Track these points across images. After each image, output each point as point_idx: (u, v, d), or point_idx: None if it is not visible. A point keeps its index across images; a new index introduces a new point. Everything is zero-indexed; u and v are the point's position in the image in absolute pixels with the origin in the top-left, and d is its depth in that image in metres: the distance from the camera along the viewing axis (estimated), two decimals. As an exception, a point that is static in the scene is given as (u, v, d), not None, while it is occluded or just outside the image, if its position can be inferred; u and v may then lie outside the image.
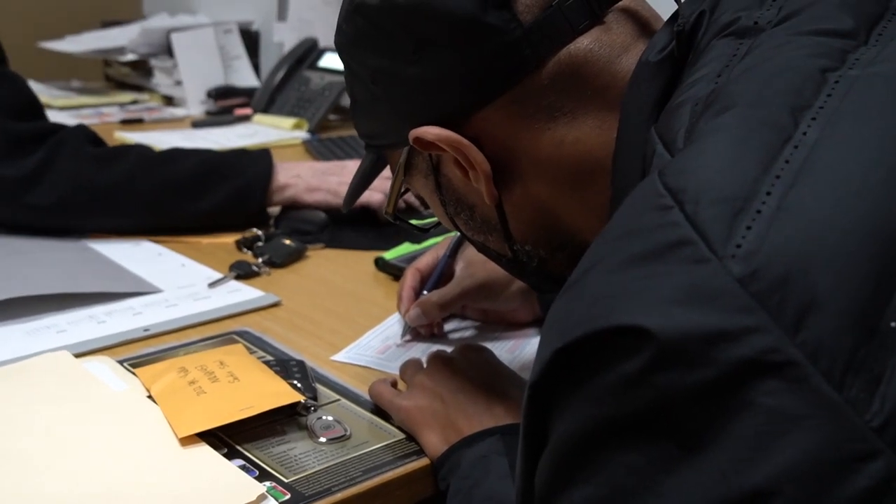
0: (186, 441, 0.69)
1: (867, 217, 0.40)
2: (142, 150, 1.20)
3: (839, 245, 0.39)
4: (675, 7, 0.60)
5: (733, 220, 0.40)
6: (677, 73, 0.55)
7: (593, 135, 0.59)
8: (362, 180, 0.73)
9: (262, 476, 0.66)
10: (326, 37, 1.99)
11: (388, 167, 0.71)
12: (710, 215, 0.40)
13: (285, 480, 0.66)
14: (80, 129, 1.18)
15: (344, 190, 1.19)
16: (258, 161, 1.22)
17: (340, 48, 0.66)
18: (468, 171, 0.62)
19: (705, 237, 0.40)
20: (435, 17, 0.58)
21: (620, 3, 0.61)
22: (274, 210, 1.23)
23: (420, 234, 0.86)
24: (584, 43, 0.59)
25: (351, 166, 1.25)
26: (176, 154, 1.21)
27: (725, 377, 0.37)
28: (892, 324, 0.37)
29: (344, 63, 0.67)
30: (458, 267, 0.91)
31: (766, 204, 0.40)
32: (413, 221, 0.79)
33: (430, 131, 0.61)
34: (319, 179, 1.23)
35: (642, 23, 0.61)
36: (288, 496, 0.64)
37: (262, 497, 0.63)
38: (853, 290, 0.38)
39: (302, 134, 1.79)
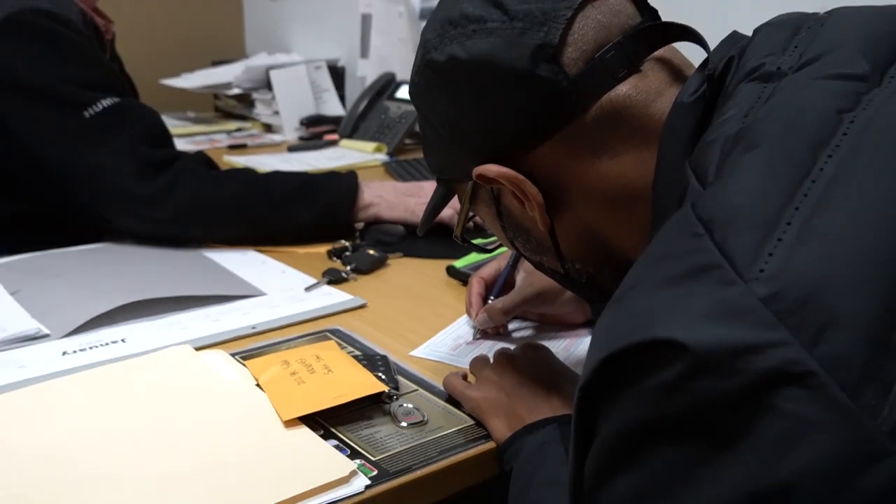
0: (289, 424, 0.69)
1: (877, 244, 0.39)
2: (248, 173, 1.22)
3: (852, 270, 0.38)
4: (703, 52, 0.59)
5: (758, 247, 0.39)
6: (708, 113, 0.54)
7: (633, 168, 0.58)
8: (434, 210, 0.73)
9: (353, 455, 0.66)
10: (402, 71, 2.00)
11: (455, 196, 0.70)
12: (737, 242, 0.40)
13: (372, 459, 0.66)
14: (199, 155, 1.20)
15: (420, 209, 1.20)
16: (346, 182, 1.22)
17: (413, 96, 0.66)
18: (524, 202, 0.62)
19: (732, 262, 0.39)
20: (493, 70, 0.58)
21: (655, 53, 0.60)
22: (359, 224, 1.22)
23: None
24: (624, 89, 0.58)
25: (426, 187, 1.25)
26: (276, 176, 1.22)
27: (752, 385, 0.37)
28: None
29: (417, 109, 0.67)
30: (519, 277, 0.90)
31: (786, 233, 0.40)
32: (477, 241, 0.79)
33: (491, 169, 0.60)
34: (399, 199, 1.23)
35: (675, 69, 0.60)
36: (375, 472, 0.64)
37: (353, 473, 0.63)
38: (865, 310, 0.37)
39: (382, 156, 1.78)
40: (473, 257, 1.06)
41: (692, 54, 0.63)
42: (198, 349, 0.84)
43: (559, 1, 0.57)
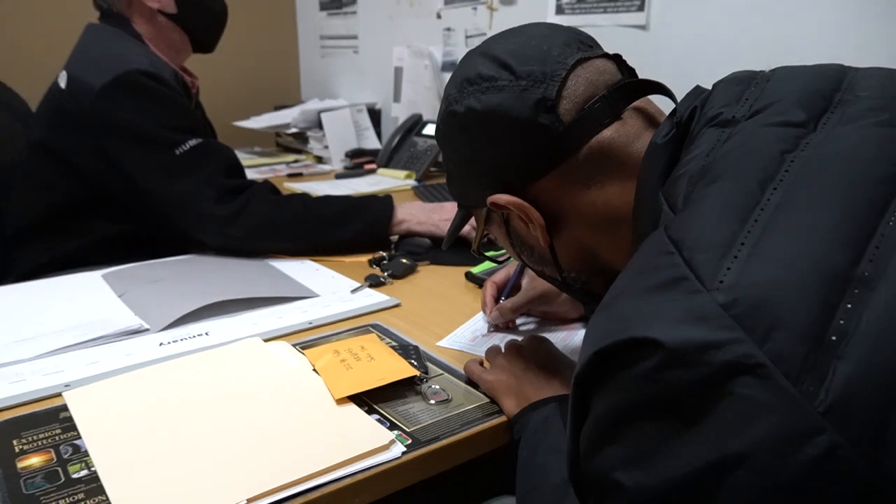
0: (340, 402, 0.69)
1: (814, 261, 0.38)
2: (304, 197, 1.21)
3: (794, 282, 0.37)
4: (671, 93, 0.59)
5: (718, 263, 0.39)
6: (677, 152, 0.53)
7: (617, 196, 0.58)
8: (455, 229, 0.72)
9: (392, 427, 0.66)
10: (428, 113, 1.98)
11: (473, 218, 0.70)
12: (701, 260, 0.40)
13: (407, 430, 0.66)
14: (266, 183, 1.19)
15: (443, 224, 1.20)
16: (383, 203, 1.21)
17: (438, 139, 0.66)
18: (528, 224, 0.61)
19: (697, 275, 0.39)
20: (503, 119, 0.58)
21: (633, 104, 0.59)
22: (394, 237, 1.21)
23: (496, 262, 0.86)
24: (608, 133, 0.57)
25: (448, 206, 1.24)
26: (327, 199, 1.21)
27: (714, 374, 0.36)
28: (833, 337, 0.36)
29: (441, 149, 0.66)
30: (524, 282, 0.90)
31: (741, 252, 0.39)
32: (490, 254, 0.78)
33: (502, 198, 0.60)
34: (426, 216, 1.21)
35: (649, 116, 0.60)
36: (409, 441, 0.64)
37: (392, 442, 0.63)
38: (804, 315, 0.36)
39: (411, 182, 1.77)
40: (487, 265, 1.05)
41: (664, 104, 0.63)
42: (266, 341, 0.84)
43: (555, 63, 0.57)
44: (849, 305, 0.36)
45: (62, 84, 1.18)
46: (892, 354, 0.35)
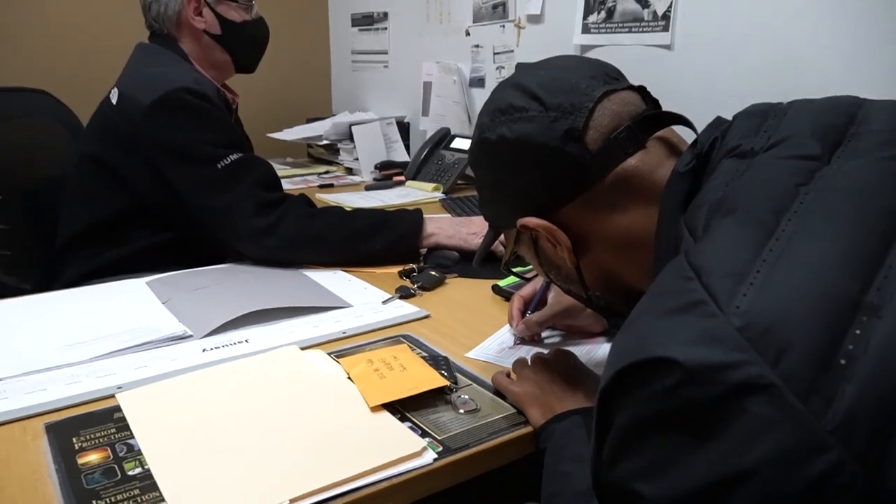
0: (374, 409, 0.71)
1: (825, 290, 0.39)
2: (338, 210, 1.23)
3: (805, 309, 0.39)
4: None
5: (734, 290, 0.40)
6: (698, 181, 0.55)
7: (640, 221, 0.59)
8: (486, 247, 0.74)
9: (424, 434, 0.68)
10: (455, 126, 2.00)
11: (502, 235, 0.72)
12: (719, 286, 0.41)
13: (438, 438, 0.67)
14: (302, 197, 1.22)
15: (471, 238, 1.22)
16: (413, 216, 1.22)
17: (472, 165, 0.68)
18: (556, 245, 0.63)
19: (715, 300, 0.40)
20: (533, 148, 0.60)
21: (657, 134, 0.61)
22: (423, 250, 1.22)
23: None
24: (633, 162, 0.59)
25: (476, 221, 1.25)
26: (359, 212, 1.23)
27: (728, 393, 0.38)
28: (842, 361, 0.37)
29: (474, 174, 0.68)
30: (550, 296, 0.91)
31: (756, 279, 0.40)
32: (517, 270, 0.80)
33: (531, 221, 0.62)
34: (455, 230, 1.23)
35: (672, 146, 0.61)
36: (440, 448, 0.66)
37: (424, 448, 0.65)
38: (813, 340, 0.38)
39: (439, 195, 1.78)
40: (514, 279, 1.05)
41: (686, 133, 0.64)
42: (302, 349, 0.86)
43: (582, 95, 0.59)
44: (857, 331, 0.38)
45: (113, 100, 1.24)
46: None
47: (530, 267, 0.75)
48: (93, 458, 0.65)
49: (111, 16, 2.14)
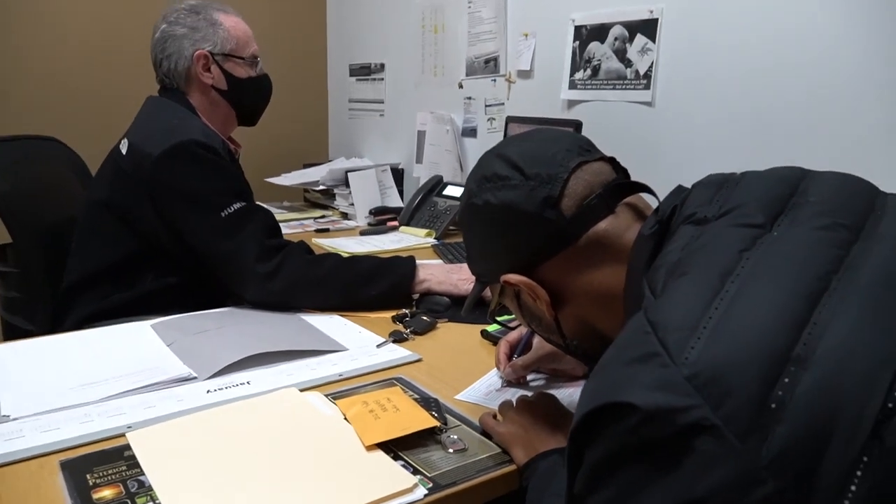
0: (369, 448, 0.75)
1: (759, 343, 0.44)
2: (336, 257, 1.27)
3: (743, 360, 0.43)
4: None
5: (685, 342, 0.45)
6: (660, 243, 0.59)
7: (611, 278, 0.64)
8: (473, 298, 0.79)
9: (415, 472, 0.71)
10: (448, 174, 2.06)
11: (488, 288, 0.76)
12: (672, 339, 0.46)
13: (429, 475, 0.71)
14: (301, 243, 1.26)
15: (461, 284, 1.27)
16: (406, 264, 1.27)
17: (460, 225, 0.73)
18: (535, 299, 0.68)
19: (668, 352, 0.45)
20: (514, 213, 0.65)
21: (625, 200, 0.66)
22: (416, 295, 1.26)
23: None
24: (604, 225, 0.65)
25: (465, 267, 1.28)
26: (356, 259, 1.26)
27: (679, 433, 0.42)
28: (773, 405, 0.42)
29: (462, 233, 0.73)
30: (535, 341, 0.95)
31: (703, 334, 0.45)
32: (502, 318, 0.84)
33: (513, 277, 0.67)
34: (445, 276, 1.28)
35: (639, 211, 0.67)
36: (431, 485, 0.69)
37: (415, 485, 0.69)
38: (750, 387, 0.42)
39: (431, 240, 1.82)
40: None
41: (653, 200, 0.70)
42: (301, 391, 0.89)
43: (558, 166, 0.66)
44: (786, 380, 0.42)
45: (123, 150, 1.30)
46: (819, 422, 0.41)
47: (514, 316, 0.81)
48: (107, 493, 0.69)
49: (121, 68, 2.23)
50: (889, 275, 0.48)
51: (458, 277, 1.28)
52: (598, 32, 1.68)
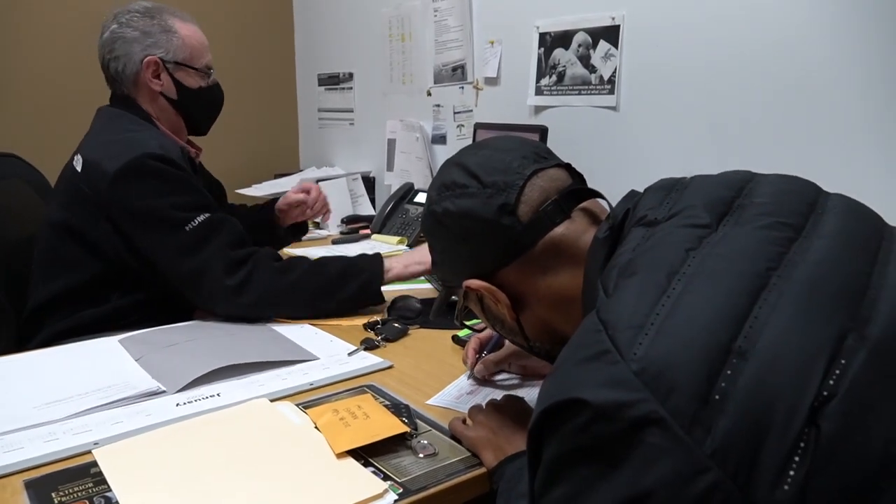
0: (340, 455, 0.75)
1: (703, 338, 0.45)
2: (304, 261, 1.25)
3: (688, 354, 0.45)
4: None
5: (633, 339, 0.46)
6: (614, 245, 0.61)
7: (569, 281, 0.66)
8: (441, 303, 0.81)
9: (385, 477, 0.72)
10: (419, 181, 2.07)
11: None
12: (621, 337, 0.47)
13: (399, 480, 0.71)
14: (268, 250, 1.24)
15: (420, 256, 1.25)
16: (373, 261, 1.27)
17: (423, 231, 0.75)
18: (497, 303, 0.70)
19: (618, 349, 0.46)
20: (472, 220, 0.67)
21: (581, 205, 0.68)
22: (386, 302, 1.26)
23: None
24: (560, 230, 0.66)
25: (422, 248, 1.28)
26: (324, 261, 1.25)
27: (629, 427, 0.44)
28: (717, 397, 0.43)
29: (427, 240, 0.75)
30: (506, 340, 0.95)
31: (650, 331, 0.47)
32: (470, 322, 0.86)
33: (474, 283, 0.69)
34: (408, 259, 1.28)
35: (594, 215, 0.69)
36: (401, 490, 0.70)
37: (385, 491, 0.69)
38: (695, 380, 0.44)
39: (404, 247, 1.83)
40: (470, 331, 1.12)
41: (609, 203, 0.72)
42: (272, 401, 0.89)
43: (514, 174, 0.67)
44: (728, 372, 0.44)
45: (78, 168, 1.24)
46: (759, 412, 0.43)
47: (479, 320, 0.82)
48: (72, 511, 0.69)
49: (78, 77, 2.18)
50: (825, 270, 0.50)
51: (420, 255, 1.29)
52: (563, 39, 1.70)
